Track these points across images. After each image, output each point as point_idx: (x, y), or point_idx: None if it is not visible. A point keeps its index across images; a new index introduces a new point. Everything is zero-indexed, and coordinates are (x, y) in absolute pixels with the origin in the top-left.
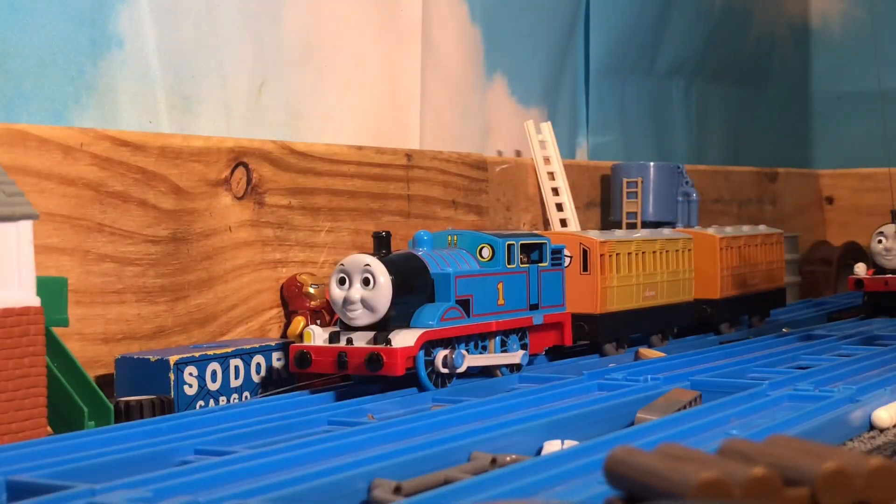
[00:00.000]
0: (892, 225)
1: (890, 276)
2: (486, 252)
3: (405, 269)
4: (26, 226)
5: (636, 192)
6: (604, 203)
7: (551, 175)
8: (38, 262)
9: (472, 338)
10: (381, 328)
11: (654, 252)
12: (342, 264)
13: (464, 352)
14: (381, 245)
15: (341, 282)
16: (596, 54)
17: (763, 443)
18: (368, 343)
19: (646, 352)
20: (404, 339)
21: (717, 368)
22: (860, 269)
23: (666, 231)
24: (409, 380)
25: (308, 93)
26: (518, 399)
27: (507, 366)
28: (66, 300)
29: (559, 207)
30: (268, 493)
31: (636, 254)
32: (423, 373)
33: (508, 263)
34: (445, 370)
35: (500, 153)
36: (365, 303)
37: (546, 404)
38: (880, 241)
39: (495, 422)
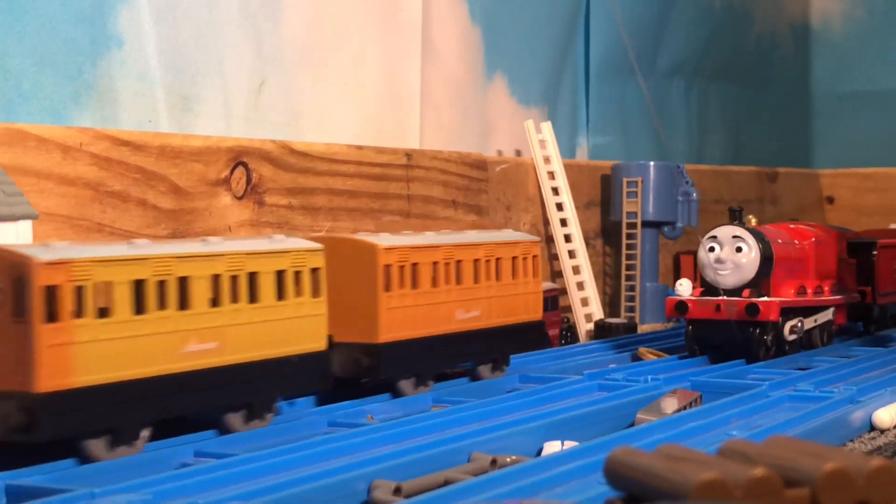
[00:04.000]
0: (730, 227)
1: (723, 298)
2: None
3: None
4: (26, 226)
5: (636, 192)
6: (604, 203)
7: (551, 175)
8: None
9: None
10: None
11: (214, 276)
12: None
13: None
14: None
15: None
16: (596, 54)
17: (763, 443)
18: None
19: (646, 352)
20: None
21: (718, 369)
22: (684, 287)
23: (259, 242)
24: None
25: (308, 93)
26: (518, 400)
27: None
28: None
29: (559, 207)
30: (268, 495)
31: (161, 282)
32: None
33: None
34: None
35: (500, 153)
36: None
37: (546, 405)
38: (712, 250)
39: (495, 423)
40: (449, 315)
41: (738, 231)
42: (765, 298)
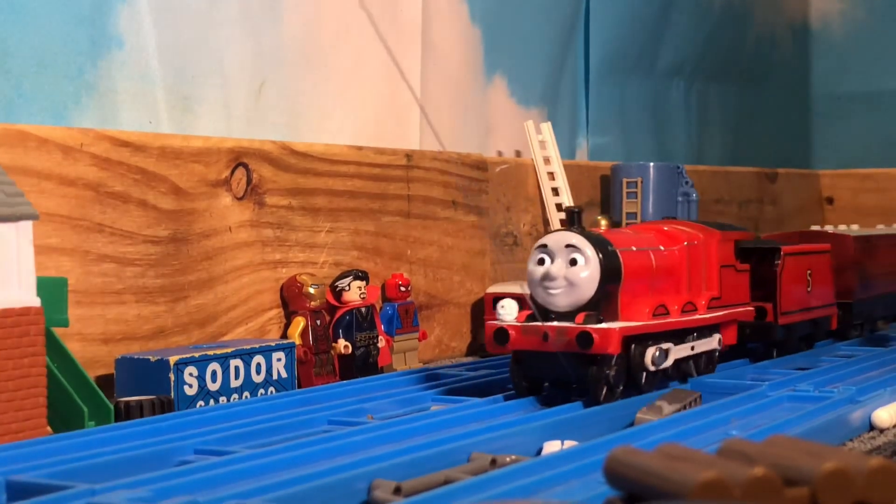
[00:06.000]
0: (563, 232)
1: (553, 324)
2: None
3: None
4: (26, 226)
5: (636, 193)
6: (604, 203)
7: (551, 175)
8: (38, 263)
9: None
10: None
11: None
12: None
13: None
14: None
15: None
16: (596, 54)
17: (763, 443)
18: None
19: None
20: None
21: (718, 369)
22: (507, 309)
23: None
24: None
25: (308, 93)
26: (518, 399)
27: None
28: (66, 300)
29: (559, 208)
30: (268, 494)
31: None
32: None
33: None
34: None
35: (500, 153)
36: None
37: (546, 405)
38: (541, 262)
39: (495, 422)
40: None
41: (573, 238)
42: (603, 325)
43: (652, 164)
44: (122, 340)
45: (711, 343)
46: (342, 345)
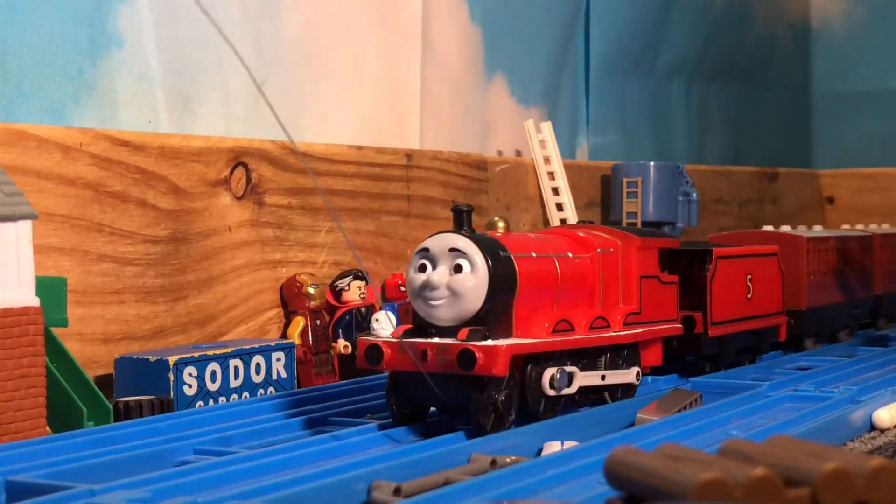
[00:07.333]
0: (448, 235)
1: (435, 341)
2: None
3: None
4: (26, 226)
5: (636, 192)
6: (604, 203)
7: (551, 175)
8: (38, 262)
9: None
10: None
11: None
12: None
13: None
14: None
15: None
16: (596, 54)
17: (763, 443)
18: None
19: None
20: None
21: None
22: (381, 322)
23: None
24: None
25: (308, 93)
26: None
27: None
28: (66, 300)
29: (559, 207)
30: (267, 494)
31: None
32: None
33: None
34: None
35: (500, 153)
36: None
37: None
38: (423, 269)
39: None
40: None
41: (460, 241)
42: (489, 342)
43: (652, 163)
44: (121, 340)
45: (629, 376)
46: (342, 345)
